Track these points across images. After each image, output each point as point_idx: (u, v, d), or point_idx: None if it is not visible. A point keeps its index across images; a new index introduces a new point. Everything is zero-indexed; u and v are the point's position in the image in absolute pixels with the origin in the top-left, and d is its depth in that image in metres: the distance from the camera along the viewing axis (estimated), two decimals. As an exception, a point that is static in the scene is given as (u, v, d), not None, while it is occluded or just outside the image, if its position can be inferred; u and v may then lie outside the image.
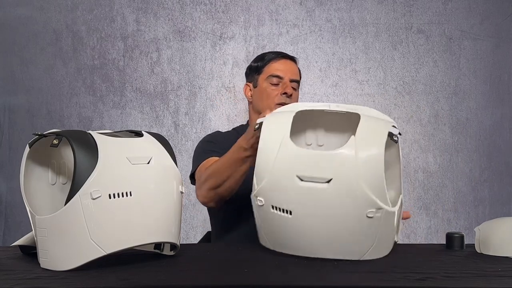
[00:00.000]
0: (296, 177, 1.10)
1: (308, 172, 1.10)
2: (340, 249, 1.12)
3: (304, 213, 1.11)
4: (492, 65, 2.58)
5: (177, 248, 1.18)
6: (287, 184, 1.11)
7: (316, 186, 1.09)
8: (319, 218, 1.10)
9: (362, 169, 1.09)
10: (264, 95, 1.74)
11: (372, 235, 1.12)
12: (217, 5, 2.58)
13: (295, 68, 1.80)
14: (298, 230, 1.13)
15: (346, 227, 1.10)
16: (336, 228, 1.10)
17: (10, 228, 2.58)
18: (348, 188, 1.09)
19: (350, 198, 1.09)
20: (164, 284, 0.94)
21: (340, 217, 1.10)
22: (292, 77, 1.75)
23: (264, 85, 1.75)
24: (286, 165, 1.12)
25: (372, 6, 2.58)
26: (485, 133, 2.57)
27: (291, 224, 1.13)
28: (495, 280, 0.96)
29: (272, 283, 0.95)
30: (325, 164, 1.10)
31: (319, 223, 1.11)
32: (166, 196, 1.12)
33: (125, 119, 2.57)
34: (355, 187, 1.08)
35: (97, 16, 2.59)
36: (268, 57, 1.79)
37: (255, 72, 1.79)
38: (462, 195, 2.56)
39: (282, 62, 1.76)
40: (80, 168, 1.01)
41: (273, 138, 1.16)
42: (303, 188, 1.10)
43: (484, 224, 1.28)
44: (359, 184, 1.08)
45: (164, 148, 1.17)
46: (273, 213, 1.15)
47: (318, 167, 1.10)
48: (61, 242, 1.02)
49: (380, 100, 2.56)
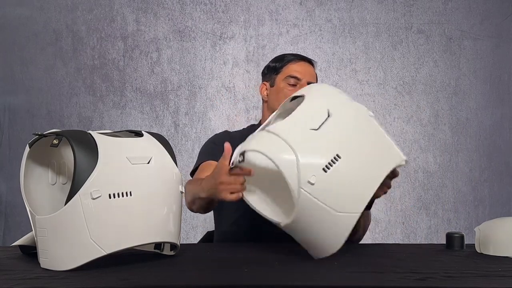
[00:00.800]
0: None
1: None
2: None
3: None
4: (492, 65, 2.58)
5: (177, 248, 1.18)
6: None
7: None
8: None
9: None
10: (281, 95, 1.75)
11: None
12: (217, 5, 2.58)
13: (313, 71, 1.82)
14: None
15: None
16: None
17: (10, 228, 2.58)
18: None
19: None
20: (164, 284, 0.94)
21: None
22: (309, 80, 1.77)
23: (281, 85, 1.77)
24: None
25: (372, 6, 2.58)
26: (485, 133, 2.57)
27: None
28: (495, 280, 0.96)
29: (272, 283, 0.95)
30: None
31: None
32: (166, 196, 1.12)
33: (125, 119, 2.57)
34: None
35: (97, 16, 2.59)
36: (287, 58, 1.81)
37: (273, 72, 1.81)
38: (462, 195, 2.56)
39: (301, 64, 1.79)
40: (80, 168, 1.01)
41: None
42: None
43: (484, 224, 1.28)
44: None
45: (164, 148, 1.17)
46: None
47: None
48: (61, 242, 1.02)
49: (380, 100, 2.56)
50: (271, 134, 1.15)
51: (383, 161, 1.16)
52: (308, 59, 1.84)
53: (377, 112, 2.54)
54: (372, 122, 1.22)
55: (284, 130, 1.16)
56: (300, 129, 1.16)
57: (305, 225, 1.13)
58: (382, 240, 2.52)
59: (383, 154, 1.18)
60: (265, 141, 1.15)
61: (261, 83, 1.86)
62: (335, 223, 1.11)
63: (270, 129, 1.16)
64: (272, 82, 1.81)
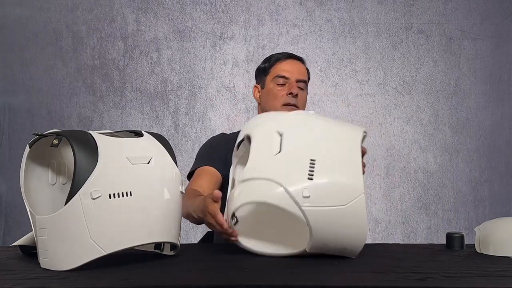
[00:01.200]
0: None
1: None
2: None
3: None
4: (492, 65, 2.58)
5: (177, 248, 1.18)
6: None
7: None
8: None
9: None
10: (271, 96, 1.74)
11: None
12: (217, 5, 2.58)
13: (302, 68, 1.80)
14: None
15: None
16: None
17: (10, 228, 2.58)
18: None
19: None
20: (164, 284, 0.94)
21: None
22: (298, 77, 1.74)
23: (270, 86, 1.75)
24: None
25: (372, 6, 2.58)
26: (485, 133, 2.57)
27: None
28: (495, 280, 0.96)
29: (272, 283, 0.95)
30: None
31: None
32: (166, 196, 1.12)
33: (125, 119, 2.57)
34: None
35: (97, 16, 2.59)
36: (274, 58, 1.79)
37: (263, 74, 1.80)
38: (462, 195, 2.56)
39: (288, 63, 1.76)
40: (80, 168, 1.01)
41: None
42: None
43: (484, 224, 1.28)
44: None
45: (164, 148, 1.17)
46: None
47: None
48: (61, 242, 1.02)
49: (380, 100, 2.56)
50: (246, 181, 1.15)
51: (350, 143, 1.18)
52: (295, 56, 1.81)
53: (377, 112, 2.54)
54: (318, 117, 1.26)
55: (255, 170, 1.16)
56: (267, 161, 1.17)
57: (327, 235, 1.13)
58: (382, 240, 2.52)
59: (346, 137, 1.21)
60: (246, 191, 1.15)
61: (254, 86, 1.85)
62: (350, 214, 1.11)
63: (242, 178, 1.16)
64: (263, 84, 1.79)
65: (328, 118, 1.28)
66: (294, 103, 1.70)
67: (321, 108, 2.56)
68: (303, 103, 1.76)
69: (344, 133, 1.23)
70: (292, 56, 1.80)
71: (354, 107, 2.56)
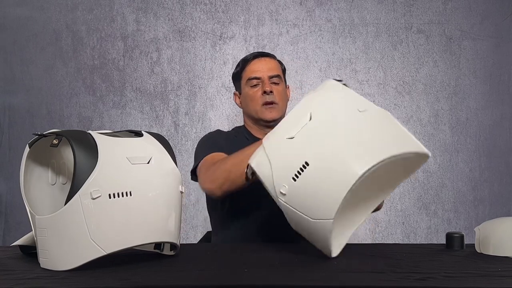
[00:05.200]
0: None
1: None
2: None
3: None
4: (492, 65, 2.58)
5: (177, 248, 1.18)
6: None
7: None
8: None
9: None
10: (248, 100, 1.74)
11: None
12: (217, 5, 2.58)
13: (273, 63, 1.77)
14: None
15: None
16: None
17: (10, 228, 2.58)
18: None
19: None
20: (164, 284, 0.94)
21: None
22: (270, 74, 1.72)
23: (246, 90, 1.74)
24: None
25: (372, 6, 2.58)
26: (485, 133, 2.58)
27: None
28: (495, 280, 0.96)
29: (272, 283, 0.95)
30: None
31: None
32: (166, 196, 1.12)
33: (125, 119, 2.57)
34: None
35: (97, 16, 2.59)
36: (243, 61, 1.78)
37: (237, 79, 1.80)
38: (462, 195, 2.56)
39: (256, 62, 1.75)
40: (80, 168, 1.01)
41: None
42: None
43: (484, 224, 1.28)
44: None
45: (164, 148, 1.17)
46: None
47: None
48: (61, 242, 1.02)
49: (380, 100, 2.56)
50: (262, 147, 1.18)
51: (365, 158, 1.04)
52: (263, 53, 1.79)
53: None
54: (366, 118, 1.10)
55: (268, 141, 1.18)
56: (278, 139, 1.15)
57: (299, 229, 1.15)
58: (382, 240, 2.52)
59: (369, 150, 1.06)
60: (256, 155, 1.19)
61: (233, 94, 1.85)
62: (316, 229, 1.10)
63: (264, 139, 1.19)
64: (240, 89, 1.79)
65: (376, 124, 1.10)
66: (272, 100, 1.69)
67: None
68: (281, 97, 1.73)
69: (366, 152, 1.06)
70: (259, 54, 1.78)
71: (354, 107, 2.56)
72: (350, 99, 1.14)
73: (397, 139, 1.09)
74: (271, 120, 1.71)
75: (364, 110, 1.11)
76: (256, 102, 1.71)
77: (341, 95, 1.16)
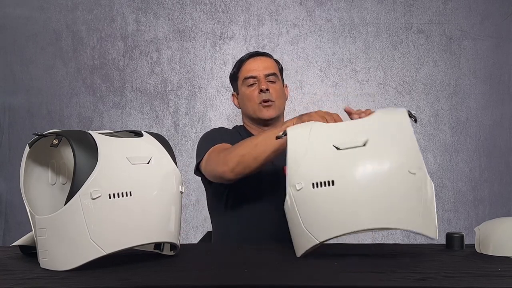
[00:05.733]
0: (333, 147, 1.13)
1: (344, 140, 1.13)
2: (387, 216, 1.08)
3: (346, 180, 1.10)
4: (492, 65, 2.58)
5: (177, 248, 1.18)
6: (326, 155, 1.13)
7: (354, 151, 1.11)
8: (362, 180, 1.09)
9: (393, 128, 1.15)
10: (246, 99, 1.74)
11: (419, 199, 1.09)
12: (217, 5, 2.58)
13: (268, 61, 1.77)
14: (343, 200, 1.09)
15: (390, 187, 1.08)
16: (381, 190, 1.08)
17: (10, 228, 2.58)
18: (385, 146, 1.12)
19: (388, 156, 1.11)
20: (164, 284, 0.94)
21: (383, 177, 1.09)
22: (265, 72, 1.72)
23: (243, 90, 1.74)
24: (321, 139, 1.16)
25: (372, 6, 2.58)
26: (485, 133, 2.57)
27: (335, 196, 1.09)
28: (495, 280, 0.96)
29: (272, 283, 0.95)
30: (358, 129, 1.16)
31: (363, 186, 1.09)
32: (166, 196, 1.12)
33: (125, 119, 2.57)
34: (392, 144, 1.12)
35: (97, 16, 2.59)
36: (239, 61, 1.78)
37: (234, 80, 1.80)
38: (462, 195, 2.56)
39: (251, 61, 1.75)
40: (80, 168, 1.01)
41: (301, 128, 1.22)
42: (341, 154, 1.11)
43: (484, 224, 1.28)
44: (395, 141, 1.12)
45: (164, 148, 1.17)
46: (313, 192, 1.11)
47: (353, 133, 1.15)
48: (61, 242, 1.02)
49: (380, 100, 2.56)
50: (309, 127, 1.20)
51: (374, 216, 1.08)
52: (258, 52, 1.80)
53: (377, 112, 2.54)
54: (406, 180, 1.10)
55: (321, 128, 1.19)
56: (325, 141, 1.15)
57: (288, 220, 1.18)
58: (382, 240, 2.52)
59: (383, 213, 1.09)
60: (299, 129, 1.21)
61: (231, 95, 1.85)
62: (301, 235, 1.13)
63: (313, 123, 1.23)
64: (237, 90, 1.79)
65: (416, 192, 1.11)
66: (268, 98, 1.69)
67: (321, 108, 2.55)
68: (278, 95, 1.73)
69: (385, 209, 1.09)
70: (254, 54, 1.78)
71: (354, 107, 2.52)
72: (410, 154, 1.13)
73: (417, 216, 1.10)
74: (268, 118, 1.71)
75: (414, 173, 1.11)
76: (253, 101, 1.71)
77: (405, 141, 1.15)
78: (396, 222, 1.09)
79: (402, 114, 1.20)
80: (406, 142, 1.13)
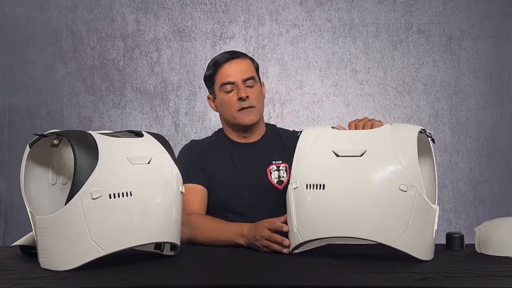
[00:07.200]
0: (332, 153, 1.17)
1: (344, 147, 1.17)
2: (372, 228, 1.11)
3: (336, 187, 1.14)
4: (492, 65, 2.58)
5: (177, 248, 1.18)
6: (323, 160, 1.18)
7: (350, 159, 1.15)
8: (351, 189, 1.13)
9: (396, 143, 1.16)
10: (224, 106, 1.68)
11: (405, 217, 1.11)
12: (217, 5, 2.58)
13: (245, 64, 1.71)
14: (329, 205, 1.14)
15: (374, 200, 1.11)
16: (365, 201, 1.12)
17: (10, 228, 2.58)
18: (380, 160, 1.14)
19: (380, 169, 1.13)
20: (164, 284, 0.94)
21: (370, 189, 1.12)
22: (243, 77, 1.66)
23: (221, 96, 1.68)
24: (325, 143, 1.20)
25: (372, 6, 2.58)
26: (485, 133, 2.57)
27: (323, 200, 1.14)
28: (495, 280, 0.96)
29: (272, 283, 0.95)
30: (362, 139, 1.20)
31: (351, 195, 1.13)
32: (166, 196, 1.13)
33: (125, 119, 2.57)
34: (389, 159, 1.13)
35: (97, 16, 2.59)
36: (215, 63, 1.71)
37: (210, 82, 1.73)
38: (462, 195, 2.56)
39: (228, 65, 1.67)
40: (80, 168, 1.01)
41: (313, 130, 1.29)
42: (338, 161, 1.16)
43: (484, 224, 1.28)
44: (392, 156, 1.13)
45: (164, 148, 1.17)
46: (306, 193, 1.17)
47: (355, 142, 1.18)
48: (61, 242, 1.02)
49: (380, 100, 2.55)
50: (325, 126, 1.29)
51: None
52: (234, 55, 1.72)
53: (377, 112, 2.54)
54: (395, 196, 1.12)
55: (329, 133, 1.24)
56: (330, 143, 1.20)
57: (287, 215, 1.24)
58: (382, 240, 2.52)
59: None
60: (316, 127, 1.33)
61: (207, 97, 1.77)
62: (291, 232, 1.20)
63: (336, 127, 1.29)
64: (213, 94, 1.72)
65: (404, 212, 1.12)
66: (248, 106, 1.65)
67: (321, 108, 2.56)
68: (257, 100, 1.68)
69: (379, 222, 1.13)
70: (230, 57, 1.70)
71: (354, 107, 2.56)
72: (406, 172, 1.13)
73: (400, 233, 1.11)
74: (250, 123, 1.67)
75: (405, 191, 1.11)
76: (232, 107, 1.66)
77: (404, 158, 1.14)
78: (374, 235, 1.11)
79: (413, 132, 1.20)
80: (406, 159, 1.13)
